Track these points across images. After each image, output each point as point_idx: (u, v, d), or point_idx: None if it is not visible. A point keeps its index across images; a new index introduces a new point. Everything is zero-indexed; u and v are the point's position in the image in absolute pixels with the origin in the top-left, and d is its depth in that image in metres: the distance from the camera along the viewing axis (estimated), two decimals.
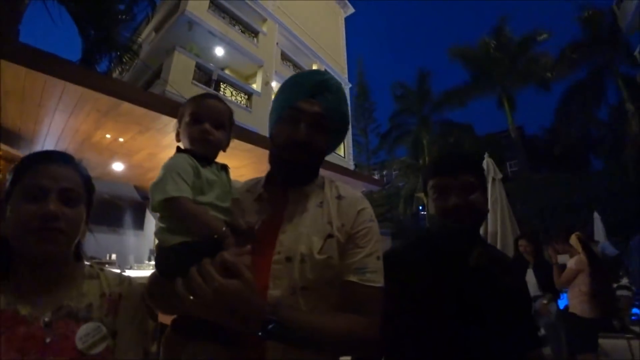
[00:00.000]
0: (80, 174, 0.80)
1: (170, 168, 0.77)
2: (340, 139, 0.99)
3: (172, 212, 0.73)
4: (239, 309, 0.64)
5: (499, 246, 4.45)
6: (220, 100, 0.93)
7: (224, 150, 0.93)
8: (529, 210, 11.94)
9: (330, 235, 0.84)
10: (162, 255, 0.76)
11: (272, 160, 0.95)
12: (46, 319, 0.70)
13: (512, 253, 4.14)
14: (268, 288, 0.78)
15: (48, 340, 0.68)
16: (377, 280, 0.83)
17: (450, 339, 0.91)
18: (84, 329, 0.73)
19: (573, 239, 3.46)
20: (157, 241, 0.79)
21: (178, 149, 0.87)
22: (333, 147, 0.99)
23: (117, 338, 0.77)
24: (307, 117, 0.87)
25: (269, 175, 0.98)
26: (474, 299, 0.94)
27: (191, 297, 0.62)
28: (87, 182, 0.82)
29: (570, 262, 3.43)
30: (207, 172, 0.82)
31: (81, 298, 0.77)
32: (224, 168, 0.89)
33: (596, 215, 7.55)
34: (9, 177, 0.76)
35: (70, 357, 0.69)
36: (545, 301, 3.59)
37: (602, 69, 14.04)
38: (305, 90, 0.89)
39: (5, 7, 5.30)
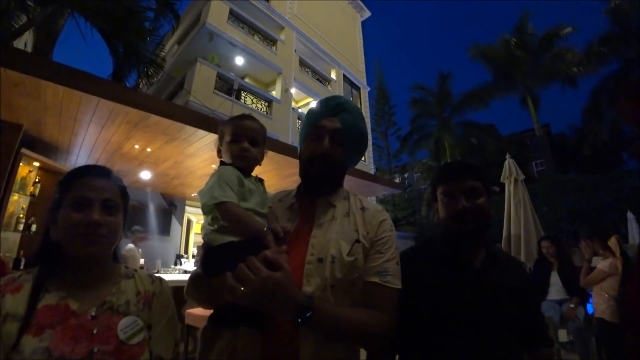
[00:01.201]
0: (118, 185, 0.92)
1: (219, 177, 0.88)
2: (358, 153, 1.10)
3: (221, 214, 0.84)
4: (281, 296, 0.74)
5: (522, 248, 4.35)
6: (255, 120, 1.06)
7: (260, 164, 1.05)
8: (557, 212, 11.47)
9: (357, 241, 0.94)
10: (211, 253, 0.86)
11: (301, 173, 1.08)
12: (93, 313, 0.81)
13: (536, 255, 4.05)
14: (302, 285, 0.87)
15: (95, 331, 0.78)
16: (395, 282, 0.93)
17: (455, 341, 0.96)
18: (124, 322, 0.83)
19: (612, 242, 3.32)
20: (204, 241, 0.89)
21: (222, 162, 0.99)
22: (352, 161, 1.10)
23: (152, 330, 0.87)
24: (328, 132, 1.00)
25: (300, 187, 1.11)
26: (477, 301, 0.99)
27: (242, 288, 0.71)
28: (124, 192, 0.94)
29: (603, 264, 3.28)
30: (248, 182, 0.93)
31: (120, 295, 0.88)
32: (260, 180, 1.01)
33: (630, 215, 7.18)
34: (57, 188, 0.88)
35: (113, 345, 0.79)
36: (572, 305, 3.49)
37: (634, 62, 13.39)
38: (327, 112, 1.04)
39: (44, 30, 5.72)
